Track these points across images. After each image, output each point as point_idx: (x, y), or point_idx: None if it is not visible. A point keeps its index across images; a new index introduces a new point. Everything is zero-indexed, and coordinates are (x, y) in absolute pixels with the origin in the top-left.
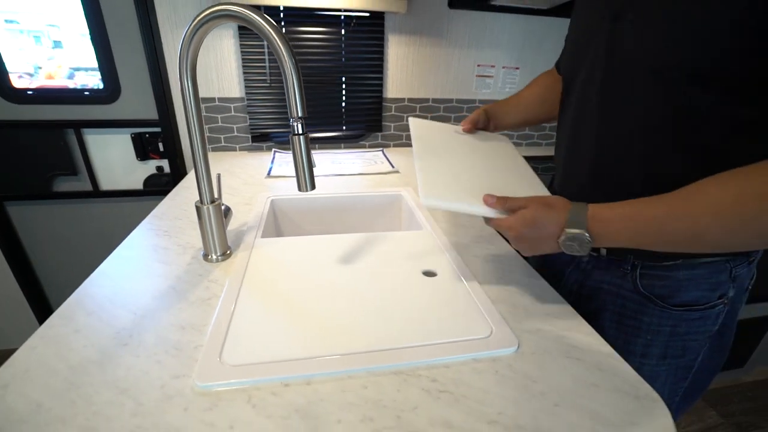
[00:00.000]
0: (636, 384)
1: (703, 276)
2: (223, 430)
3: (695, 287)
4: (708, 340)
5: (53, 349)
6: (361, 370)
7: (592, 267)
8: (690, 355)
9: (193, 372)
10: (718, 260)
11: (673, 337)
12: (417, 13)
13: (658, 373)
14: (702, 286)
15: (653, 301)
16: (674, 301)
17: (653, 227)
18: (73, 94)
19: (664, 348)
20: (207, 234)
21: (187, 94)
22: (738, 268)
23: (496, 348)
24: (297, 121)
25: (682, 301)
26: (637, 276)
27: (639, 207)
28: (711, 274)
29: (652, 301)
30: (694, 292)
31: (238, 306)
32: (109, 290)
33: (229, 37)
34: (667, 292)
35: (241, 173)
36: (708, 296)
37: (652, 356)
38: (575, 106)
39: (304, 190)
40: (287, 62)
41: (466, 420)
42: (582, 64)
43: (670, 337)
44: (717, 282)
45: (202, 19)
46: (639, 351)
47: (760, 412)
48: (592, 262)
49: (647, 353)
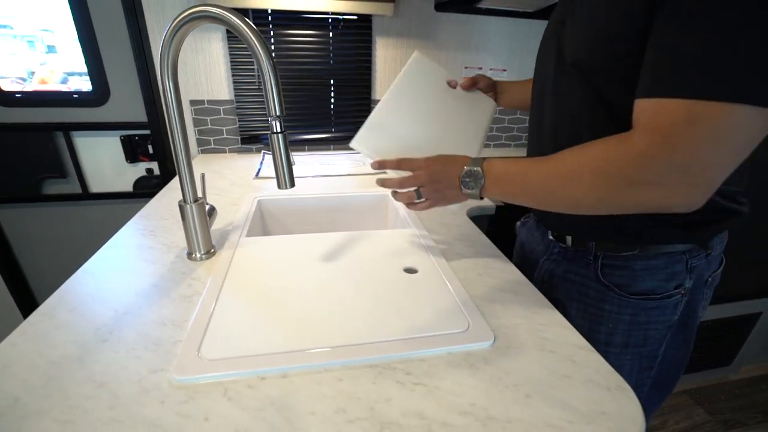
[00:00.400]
0: (607, 375)
1: (659, 267)
2: (198, 421)
3: (651, 277)
4: (668, 330)
5: (33, 346)
6: (337, 364)
7: (561, 258)
8: (652, 345)
9: (171, 366)
10: (675, 252)
11: (633, 326)
12: (404, 16)
13: (622, 361)
14: (658, 276)
15: (612, 290)
16: (632, 290)
17: (519, 179)
18: (62, 96)
19: (626, 336)
20: (191, 233)
21: (169, 94)
22: (694, 260)
23: (472, 342)
24: (275, 120)
25: (640, 290)
26: (599, 266)
27: (516, 163)
28: (667, 264)
29: (612, 290)
30: (650, 281)
31: (218, 302)
32: (92, 288)
33: (218, 40)
34: (625, 282)
35: (229, 174)
36: (664, 286)
37: (615, 344)
38: (537, 99)
39: (283, 187)
40: (264, 62)
41: (438, 411)
42: (543, 62)
43: (631, 326)
44: (673, 272)
45: (182, 20)
46: (603, 339)
47: (746, 410)
48: (561, 252)
49: (610, 341)
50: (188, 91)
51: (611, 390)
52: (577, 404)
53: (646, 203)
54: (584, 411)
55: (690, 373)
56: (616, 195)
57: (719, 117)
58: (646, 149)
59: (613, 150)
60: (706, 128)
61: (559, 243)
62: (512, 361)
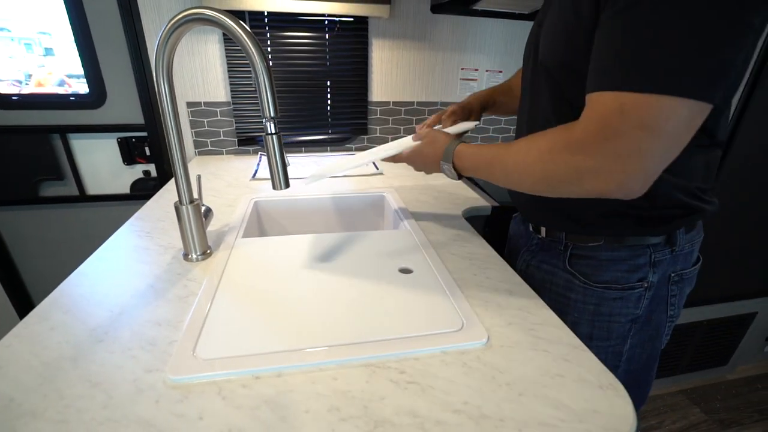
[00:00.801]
0: (600, 374)
1: (624, 258)
2: (192, 420)
3: (615, 267)
4: (632, 324)
5: (28, 347)
6: (331, 363)
7: (538, 248)
8: (616, 339)
9: (166, 366)
10: (639, 245)
11: (597, 317)
12: (400, 18)
13: None
14: (621, 267)
15: (577, 278)
16: (595, 279)
17: (485, 163)
18: (59, 99)
19: (591, 328)
20: (186, 234)
21: (164, 95)
22: (659, 254)
23: (466, 341)
24: (269, 121)
25: (602, 279)
26: (568, 256)
27: (484, 149)
28: (631, 257)
29: (577, 278)
30: (613, 272)
31: (214, 303)
32: (87, 289)
33: (214, 42)
34: (590, 271)
35: (226, 176)
36: (627, 277)
37: (580, 335)
38: (522, 98)
39: (278, 188)
40: (258, 63)
41: (431, 409)
42: (525, 64)
43: (595, 316)
44: (636, 265)
45: (177, 23)
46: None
47: (742, 409)
48: (538, 243)
49: (576, 331)
50: (185, 93)
51: (603, 388)
52: (569, 403)
53: (589, 188)
54: (576, 409)
55: (686, 373)
56: (561, 181)
57: (646, 107)
58: (584, 136)
59: (557, 138)
60: (635, 118)
61: (537, 234)
62: (505, 360)
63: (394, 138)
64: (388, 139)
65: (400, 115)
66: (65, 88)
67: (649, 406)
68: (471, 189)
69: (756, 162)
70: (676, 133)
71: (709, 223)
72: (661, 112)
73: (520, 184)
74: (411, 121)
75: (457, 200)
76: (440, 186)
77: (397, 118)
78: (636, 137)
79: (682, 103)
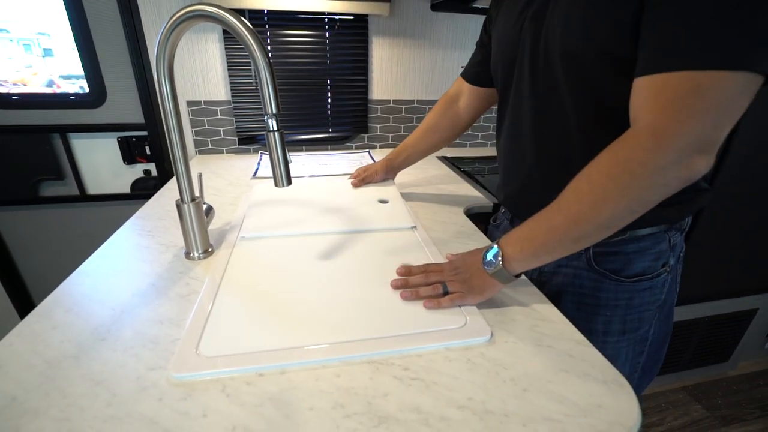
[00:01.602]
0: (604, 369)
1: (648, 247)
2: (196, 418)
3: (642, 258)
4: (658, 309)
5: (30, 346)
6: (334, 360)
7: None
8: (644, 327)
9: (169, 364)
10: (658, 231)
11: (629, 310)
12: (400, 16)
13: (619, 349)
14: (648, 256)
15: (608, 276)
16: (626, 273)
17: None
18: (59, 98)
19: (623, 323)
20: (188, 232)
21: (165, 93)
22: (674, 237)
23: (469, 337)
24: (271, 118)
25: (633, 272)
26: (591, 255)
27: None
28: (654, 244)
29: (607, 276)
30: (642, 262)
31: (216, 300)
32: (89, 288)
33: (214, 41)
34: (620, 266)
35: (226, 175)
36: (654, 266)
37: (613, 333)
38: (512, 102)
39: (280, 185)
40: (260, 59)
41: (435, 405)
42: (513, 66)
43: (627, 310)
44: (659, 251)
45: (178, 20)
46: (600, 329)
47: (744, 406)
48: None
49: (608, 330)
50: (185, 92)
51: (608, 383)
52: (573, 398)
53: (676, 184)
54: (581, 404)
55: (688, 369)
56: (645, 188)
57: (722, 85)
58: (658, 130)
59: (623, 149)
60: (712, 97)
61: None
62: (509, 356)
63: (394, 137)
64: (388, 138)
65: (401, 113)
66: (54, 88)
67: (651, 403)
68: (472, 186)
69: (756, 159)
70: (743, 108)
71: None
72: (736, 89)
73: (601, 222)
74: (411, 119)
75: (459, 197)
76: (441, 184)
77: (398, 116)
78: (714, 116)
79: (755, 79)
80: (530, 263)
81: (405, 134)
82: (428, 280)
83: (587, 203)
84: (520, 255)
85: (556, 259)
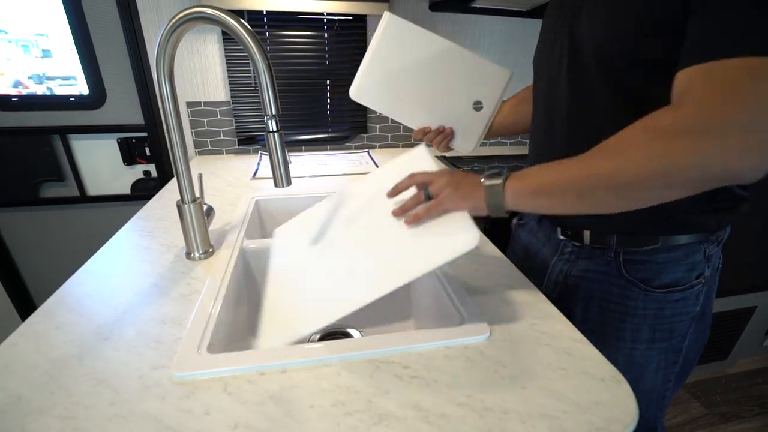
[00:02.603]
0: (602, 367)
1: (680, 258)
2: (198, 416)
3: (674, 269)
4: (692, 321)
5: (33, 345)
6: (335, 359)
7: (575, 257)
8: (678, 337)
9: (171, 363)
10: (692, 242)
11: (659, 320)
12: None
13: (649, 357)
14: (681, 267)
15: (637, 285)
16: (656, 284)
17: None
18: (59, 100)
19: (652, 332)
20: (189, 232)
21: (165, 95)
22: (710, 248)
23: (469, 335)
24: (271, 119)
25: (664, 282)
26: (621, 262)
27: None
28: (687, 255)
29: (637, 285)
30: (674, 273)
31: (218, 300)
32: (92, 288)
33: (213, 42)
34: (650, 275)
35: (226, 175)
36: (687, 277)
37: (642, 340)
38: (546, 98)
39: (280, 186)
40: (259, 60)
41: (435, 403)
42: (549, 61)
43: (656, 320)
44: (693, 263)
45: (178, 22)
46: (628, 336)
47: (742, 403)
48: (575, 252)
49: (636, 338)
50: (184, 93)
51: (605, 381)
52: (571, 395)
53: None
54: (579, 401)
55: None
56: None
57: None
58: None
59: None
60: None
61: (572, 242)
62: (508, 355)
63: (393, 137)
64: (387, 138)
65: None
66: (20, 89)
67: None
68: None
69: None
70: None
71: None
72: None
73: (617, 181)
74: None
75: None
76: None
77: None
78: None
79: None
80: (526, 201)
81: (404, 134)
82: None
83: (609, 159)
84: (519, 186)
85: (551, 212)
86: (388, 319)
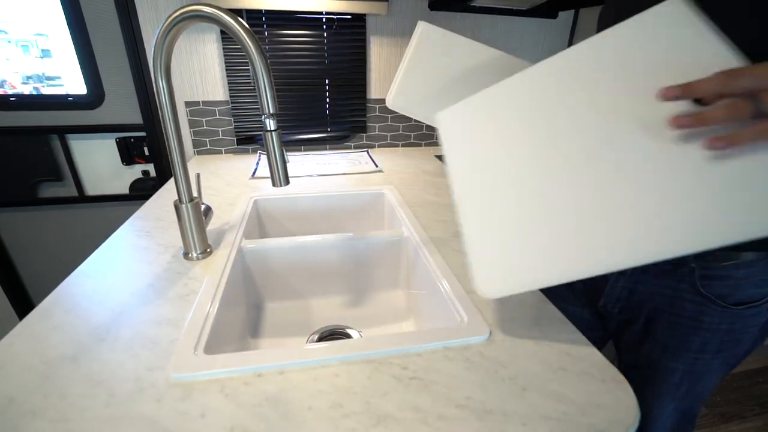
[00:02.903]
0: (603, 368)
1: (757, 273)
2: (194, 418)
3: (752, 284)
4: (759, 331)
5: (29, 346)
6: (333, 360)
7: (641, 272)
8: (742, 347)
9: (168, 364)
10: None
11: (729, 334)
12: (398, 16)
13: (711, 366)
14: (758, 283)
15: (714, 302)
16: (733, 300)
17: None
18: (57, 100)
19: (720, 343)
20: (186, 232)
21: (162, 94)
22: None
23: (468, 336)
24: (269, 118)
25: (740, 299)
26: (697, 278)
27: None
28: (763, 271)
29: (714, 302)
30: (750, 289)
31: (215, 301)
32: (88, 289)
33: (212, 41)
34: (728, 291)
35: (225, 175)
36: (762, 292)
37: (708, 351)
38: None
39: (278, 185)
40: (256, 59)
41: (434, 404)
42: None
43: (727, 334)
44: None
45: (174, 20)
46: (695, 348)
47: (743, 403)
48: (641, 268)
49: (703, 349)
50: (183, 93)
51: (606, 382)
52: (572, 396)
53: None
54: (580, 403)
55: None
56: None
57: None
58: None
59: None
60: None
61: None
62: (508, 355)
63: (393, 136)
64: (387, 137)
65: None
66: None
67: None
68: None
69: None
70: None
71: None
72: None
73: None
74: (410, 118)
75: None
76: (440, 182)
77: (396, 115)
78: None
79: None
80: None
81: (404, 133)
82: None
83: None
84: None
85: None
86: (386, 319)
